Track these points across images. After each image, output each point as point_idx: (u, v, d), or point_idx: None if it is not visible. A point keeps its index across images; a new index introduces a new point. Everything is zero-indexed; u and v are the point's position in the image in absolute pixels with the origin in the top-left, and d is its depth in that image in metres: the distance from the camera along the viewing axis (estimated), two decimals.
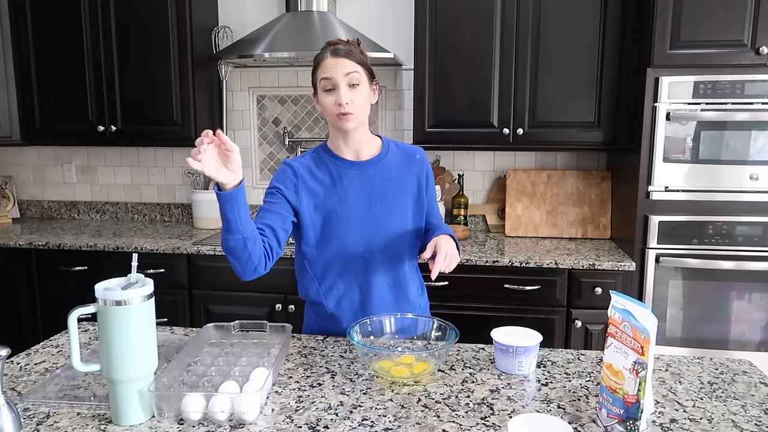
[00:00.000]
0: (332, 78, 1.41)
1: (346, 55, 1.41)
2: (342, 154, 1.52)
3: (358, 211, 1.49)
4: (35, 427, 1.04)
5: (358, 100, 1.43)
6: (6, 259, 2.68)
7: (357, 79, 1.42)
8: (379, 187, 1.51)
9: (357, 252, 1.50)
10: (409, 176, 1.55)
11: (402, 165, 1.55)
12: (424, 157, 1.60)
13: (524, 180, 2.83)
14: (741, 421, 1.06)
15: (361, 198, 1.49)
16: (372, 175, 1.51)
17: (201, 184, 2.95)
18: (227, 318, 1.46)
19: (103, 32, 2.74)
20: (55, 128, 2.88)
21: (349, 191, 1.49)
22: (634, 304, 0.99)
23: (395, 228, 1.52)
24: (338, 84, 1.41)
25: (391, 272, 1.54)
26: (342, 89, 1.41)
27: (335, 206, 1.48)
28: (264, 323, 1.39)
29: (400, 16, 2.84)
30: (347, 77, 1.41)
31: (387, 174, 1.53)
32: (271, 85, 3.04)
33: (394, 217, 1.52)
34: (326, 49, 1.44)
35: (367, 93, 1.46)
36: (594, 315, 2.33)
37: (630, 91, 2.40)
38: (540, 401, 1.14)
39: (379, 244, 1.50)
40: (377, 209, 1.50)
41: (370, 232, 1.49)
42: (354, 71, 1.41)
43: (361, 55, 1.45)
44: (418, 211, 1.56)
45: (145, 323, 1.04)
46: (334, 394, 1.16)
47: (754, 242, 2.23)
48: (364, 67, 1.44)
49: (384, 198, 1.51)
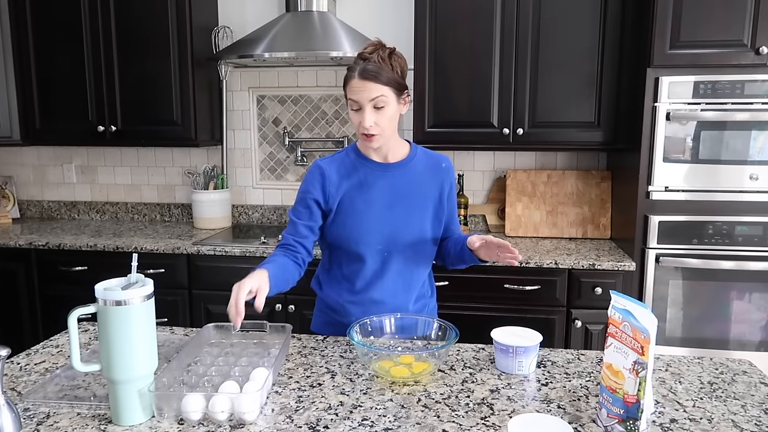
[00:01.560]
0: (358, 101, 1.42)
1: (374, 77, 1.40)
2: (370, 156, 1.55)
3: (379, 210, 1.52)
4: (35, 427, 1.04)
5: (382, 122, 1.44)
6: (6, 259, 2.68)
7: (383, 102, 1.42)
8: (402, 189, 1.54)
9: (375, 250, 1.53)
10: (433, 182, 1.58)
11: (427, 171, 1.58)
12: (450, 165, 1.63)
13: (524, 180, 2.83)
14: (741, 421, 1.06)
15: (384, 198, 1.53)
16: (397, 177, 1.55)
17: (201, 184, 2.95)
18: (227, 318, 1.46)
19: (103, 32, 2.74)
20: (55, 128, 2.88)
21: (373, 190, 1.53)
22: (634, 304, 0.99)
23: (414, 230, 1.55)
24: (363, 107, 1.42)
25: (406, 272, 1.57)
26: (367, 112, 1.42)
27: (359, 205, 1.52)
28: (264, 323, 1.39)
29: (400, 16, 2.84)
30: (372, 101, 1.41)
31: (411, 177, 1.56)
32: (271, 85, 3.04)
33: (414, 220, 1.55)
34: (356, 66, 1.43)
35: (393, 111, 1.46)
36: (594, 315, 2.33)
37: (630, 91, 2.40)
38: (540, 401, 1.14)
39: (397, 244, 1.54)
40: (398, 210, 1.53)
41: (389, 231, 1.53)
42: (380, 95, 1.41)
43: (392, 70, 1.43)
44: (438, 218, 1.59)
45: (145, 323, 1.04)
46: (334, 394, 1.16)
47: (754, 242, 2.23)
48: (393, 86, 1.43)
49: (405, 200, 1.54)
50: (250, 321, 1.40)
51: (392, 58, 1.44)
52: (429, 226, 1.57)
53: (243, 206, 3.14)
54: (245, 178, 3.13)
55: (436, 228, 1.59)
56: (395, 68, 1.44)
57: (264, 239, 2.64)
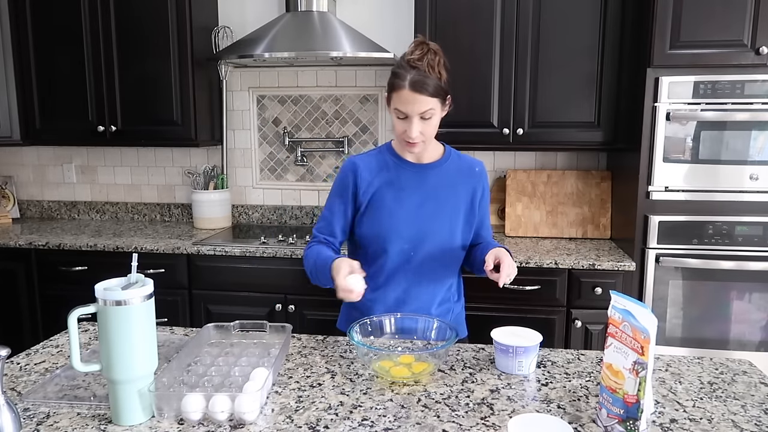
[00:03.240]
0: (407, 113, 1.41)
1: (423, 89, 1.38)
2: (404, 156, 1.55)
3: (409, 209, 1.52)
4: (35, 427, 1.04)
5: (428, 131, 1.44)
6: (6, 259, 2.68)
7: (431, 114, 1.42)
8: (434, 189, 1.54)
9: (402, 249, 1.52)
10: (465, 186, 1.57)
11: (460, 174, 1.57)
12: (483, 170, 1.62)
13: (524, 180, 2.83)
14: (741, 421, 1.06)
15: (414, 196, 1.52)
16: (429, 177, 1.54)
17: (201, 184, 2.95)
18: (227, 318, 1.47)
19: (103, 32, 2.74)
20: (55, 128, 2.88)
21: (404, 189, 1.53)
22: (634, 304, 0.99)
23: (443, 232, 1.54)
24: (411, 118, 1.41)
25: (432, 274, 1.56)
26: (414, 124, 1.41)
27: (389, 202, 1.52)
28: (264, 323, 1.39)
29: (400, 16, 2.84)
30: (421, 113, 1.40)
31: (444, 179, 1.55)
32: (271, 85, 3.04)
33: (443, 221, 1.54)
34: (405, 74, 1.39)
35: (438, 120, 1.46)
36: (594, 315, 2.33)
37: (630, 91, 2.40)
38: (540, 401, 1.14)
39: (425, 245, 1.52)
40: (428, 210, 1.52)
41: (416, 231, 1.52)
42: (429, 108, 1.40)
43: (439, 79, 1.40)
44: (468, 222, 1.57)
45: (145, 323, 1.04)
46: (334, 394, 1.16)
47: (754, 242, 2.23)
48: (440, 96, 1.41)
49: (436, 200, 1.53)
50: (250, 321, 1.41)
51: (439, 64, 1.41)
52: (458, 230, 1.56)
53: (243, 206, 3.14)
54: (245, 178, 3.13)
55: (465, 233, 1.57)
56: (442, 76, 1.42)
57: (264, 239, 2.64)
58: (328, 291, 1.69)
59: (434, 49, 1.42)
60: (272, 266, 2.48)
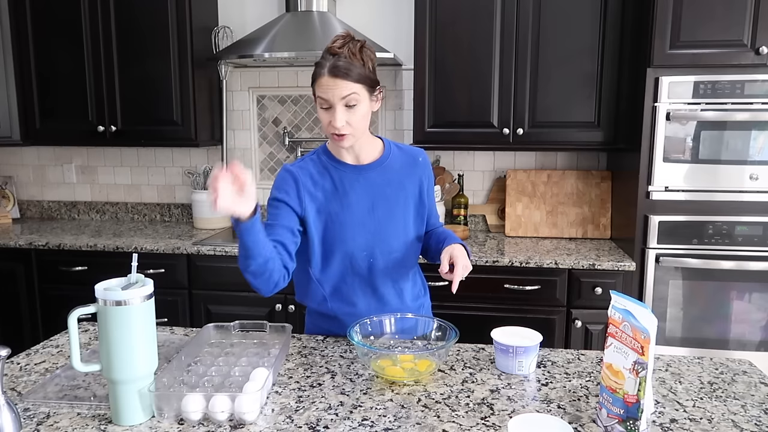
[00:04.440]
0: (328, 99, 1.36)
1: (344, 74, 1.33)
2: (342, 158, 1.49)
3: (360, 216, 1.47)
4: (35, 427, 1.04)
5: (354, 120, 1.37)
6: (6, 259, 2.68)
7: (355, 100, 1.35)
8: (382, 191, 1.49)
9: (360, 256, 1.48)
10: (411, 179, 1.53)
11: (404, 168, 1.53)
12: (426, 159, 1.59)
13: (524, 180, 2.83)
14: (741, 421, 1.06)
15: (363, 202, 1.47)
16: (374, 178, 1.49)
17: (201, 184, 2.95)
18: (227, 318, 1.47)
19: (103, 32, 2.74)
20: (55, 128, 2.88)
21: (351, 195, 1.47)
22: (634, 304, 0.99)
23: (398, 232, 1.51)
24: (334, 106, 1.36)
25: (395, 276, 1.53)
26: (338, 111, 1.35)
27: (338, 211, 1.46)
28: (264, 323, 1.39)
29: (400, 16, 2.84)
30: (343, 99, 1.35)
31: (389, 177, 1.50)
32: (271, 85, 3.04)
33: (398, 221, 1.51)
34: (325, 62, 1.35)
35: (365, 110, 1.39)
36: (594, 315, 2.33)
37: (630, 91, 2.40)
38: (540, 401, 1.14)
39: (383, 248, 1.49)
40: (380, 213, 1.48)
41: (373, 236, 1.48)
42: (351, 93, 1.34)
43: (363, 66, 1.35)
44: (420, 215, 1.55)
45: (145, 323, 1.04)
46: (334, 394, 1.16)
47: (754, 242, 2.23)
48: (364, 83, 1.36)
49: (386, 202, 1.49)
50: (250, 321, 1.41)
51: (363, 52, 1.36)
52: (412, 226, 1.53)
53: None
54: None
55: (419, 226, 1.55)
56: (367, 63, 1.36)
57: None
58: None
59: (358, 39, 1.38)
60: None
